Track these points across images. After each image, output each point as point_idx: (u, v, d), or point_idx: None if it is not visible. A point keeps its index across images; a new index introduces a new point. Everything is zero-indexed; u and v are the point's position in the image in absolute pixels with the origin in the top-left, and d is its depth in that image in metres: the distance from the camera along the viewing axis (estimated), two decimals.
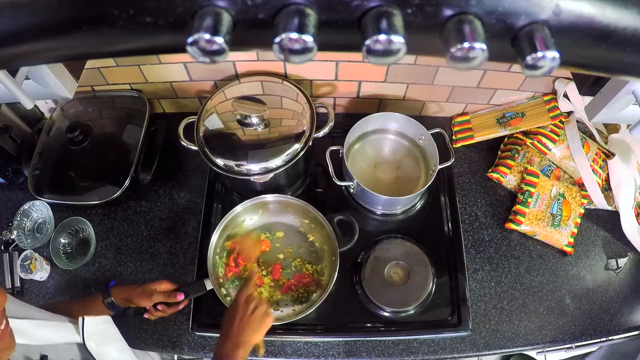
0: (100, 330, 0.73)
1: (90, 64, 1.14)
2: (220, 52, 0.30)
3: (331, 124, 1.11)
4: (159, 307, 0.96)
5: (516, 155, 1.23)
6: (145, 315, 0.97)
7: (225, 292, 1.07)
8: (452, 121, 1.34)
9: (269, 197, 1.13)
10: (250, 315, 0.85)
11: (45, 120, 1.27)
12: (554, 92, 1.23)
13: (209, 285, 1.02)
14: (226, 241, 1.13)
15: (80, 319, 0.71)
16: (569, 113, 1.21)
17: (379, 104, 1.30)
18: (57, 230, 1.16)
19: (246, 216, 1.15)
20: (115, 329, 0.77)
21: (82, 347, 0.70)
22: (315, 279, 1.09)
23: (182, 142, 1.10)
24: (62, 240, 1.17)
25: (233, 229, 1.14)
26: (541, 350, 1.12)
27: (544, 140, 1.20)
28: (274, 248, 1.14)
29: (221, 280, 1.09)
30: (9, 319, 0.57)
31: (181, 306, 0.98)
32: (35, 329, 0.63)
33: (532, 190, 1.16)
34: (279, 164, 1.04)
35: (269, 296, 1.07)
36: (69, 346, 0.69)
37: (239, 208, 1.12)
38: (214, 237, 1.08)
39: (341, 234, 1.08)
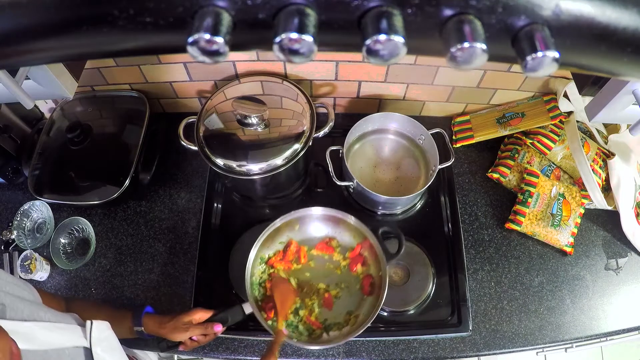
0: (106, 336, 0.70)
1: (90, 64, 1.14)
2: (220, 52, 0.30)
3: (331, 124, 1.10)
4: (194, 338, 0.89)
5: (516, 155, 1.23)
6: (180, 348, 0.90)
7: (266, 315, 0.96)
8: (452, 121, 1.34)
9: (314, 210, 1.05)
10: None
11: (45, 120, 1.27)
12: (554, 92, 1.23)
13: (247, 309, 0.93)
14: (265, 260, 1.05)
15: (87, 322, 0.68)
16: (569, 113, 1.21)
17: (379, 104, 1.30)
18: (57, 230, 1.16)
19: (286, 231, 1.07)
20: (115, 337, 0.75)
21: (89, 352, 0.67)
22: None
23: (182, 142, 1.09)
24: (62, 240, 1.17)
25: (270, 246, 1.06)
26: (541, 350, 1.12)
27: (544, 140, 1.20)
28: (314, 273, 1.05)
29: (260, 302, 0.99)
30: (15, 321, 0.56)
31: (219, 333, 0.90)
32: (40, 331, 0.61)
33: (532, 190, 1.16)
34: (279, 164, 1.04)
35: (322, 322, 0.99)
36: (76, 351, 0.67)
37: (278, 222, 1.03)
38: (252, 255, 0.99)
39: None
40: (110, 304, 1.07)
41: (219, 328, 0.89)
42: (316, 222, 1.08)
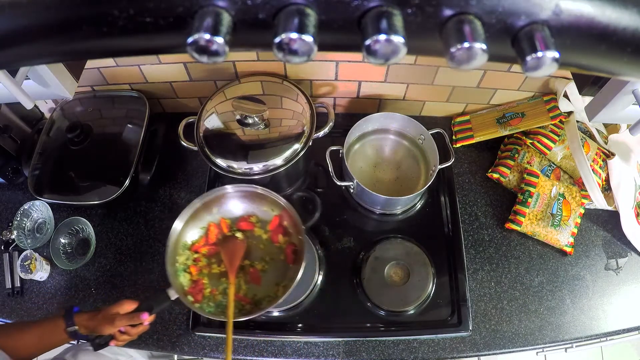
0: None
1: (90, 64, 1.14)
2: (220, 52, 0.30)
3: (331, 124, 1.11)
4: (122, 329, 0.88)
5: (516, 155, 1.23)
6: (111, 343, 0.89)
7: (192, 299, 0.97)
8: (452, 121, 1.34)
9: (228, 189, 1.06)
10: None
11: (45, 120, 1.27)
12: (554, 92, 1.23)
13: (172, 295, 0.93)
14: (188, 246, 1.05)
15: None
16: (569, 113, 1.21)
17: (379, 104, 1.30)
18: (57, 230, 1.16)
19: (205, 215, 1.08)
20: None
21: None
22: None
23: (182, 142, 1.09)
24: (62, 240, 1.17)
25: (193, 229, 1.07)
26: (541, 350, 1.12)
27: (544, 140, 1.20)
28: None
29: (186, 287, 1.00)
30: None
31: (147, 322, 0.90)
32: None
33: (532, 190, 1.16)
34: (279, 164, 1.04)
35: (251, 298, 1.00)
36: None
37: (197, 203, 1.05)
38: (170, 241, 1.01)
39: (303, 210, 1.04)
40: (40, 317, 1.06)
41: (145, 316, 0.89)
42: (233, 201, 1.09)
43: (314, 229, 1.16)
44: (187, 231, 1.06)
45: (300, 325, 1.06)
